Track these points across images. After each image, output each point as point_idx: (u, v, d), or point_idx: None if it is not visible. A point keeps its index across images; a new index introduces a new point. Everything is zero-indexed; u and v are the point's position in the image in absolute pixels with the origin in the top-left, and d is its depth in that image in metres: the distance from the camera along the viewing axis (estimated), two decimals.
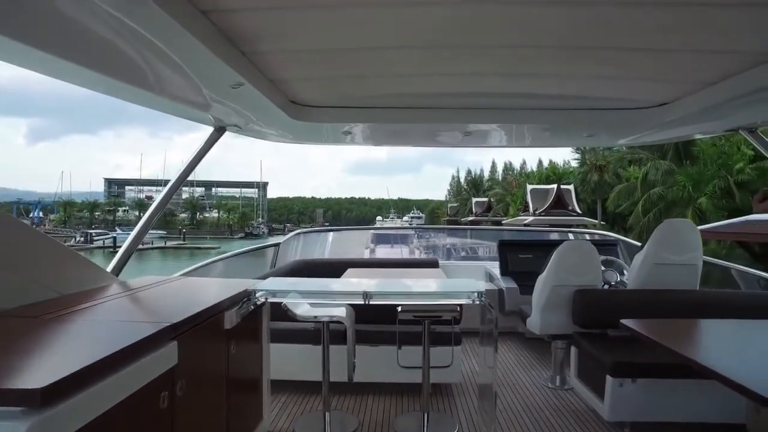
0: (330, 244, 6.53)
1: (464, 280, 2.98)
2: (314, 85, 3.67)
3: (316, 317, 2.93)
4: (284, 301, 2.72)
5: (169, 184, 3.88)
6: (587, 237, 6.83)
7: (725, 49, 2.70)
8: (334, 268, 5.27)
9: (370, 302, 2.53)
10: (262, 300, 2.61)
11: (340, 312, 2.93)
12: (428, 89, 3.72)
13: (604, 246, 5.43)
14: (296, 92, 3.82)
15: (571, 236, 6.70)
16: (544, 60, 3.00)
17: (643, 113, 4.08)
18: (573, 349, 3.65)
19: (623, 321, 2.65)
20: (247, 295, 2.57)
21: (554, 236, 7.79)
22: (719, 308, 3.45)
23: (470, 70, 3.24)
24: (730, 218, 19.33)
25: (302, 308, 2.93)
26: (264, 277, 3.74)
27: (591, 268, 3.75)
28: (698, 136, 4.92)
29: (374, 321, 3.57)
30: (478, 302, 2.60)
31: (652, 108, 4.01)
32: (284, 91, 3.73)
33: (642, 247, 3.71)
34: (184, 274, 4.17)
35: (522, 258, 5.41)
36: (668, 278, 3.58)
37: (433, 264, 5.94)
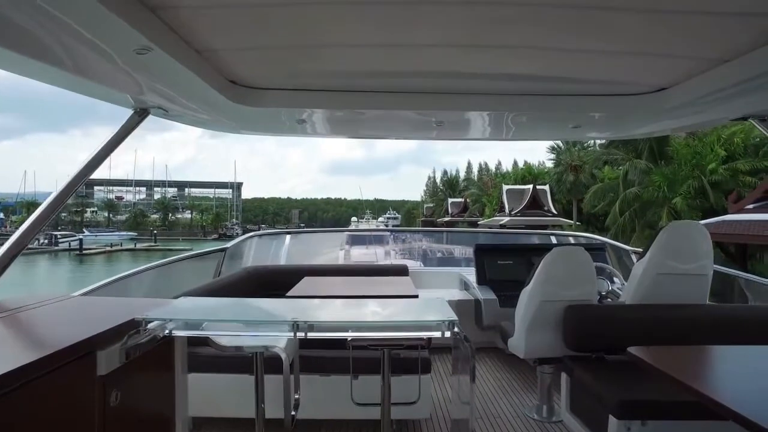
0: (287, 249, 5.83)
1: (435, 300, 2.34)
2: (256, 61, 3.02)
3: (242, 348, 2.28)
4: (183, 333, 2.03)
5: (72, 176, 3.15)
6: (572, 240, 6.31)
7: (735, 23, 2.20)
8: (288, 277, 4.63)
9: (308, 335, 1.89)
10: (156, 334, 1.93)
11: (276, 339, 2.27)
12: (394, 67, 3.11)
13: (591, 250, 4.89)
14: (235, 69, 3.15)
15: (554, 240, 6.15)
16: (524, 35, 2.47)
17: (638, 100, 3.53)
18: (564, 377, 3.07)
19: (630, 349, 2.09)
20: (136, 326, 1.89)
21: (536, 240, 7.27)
22: (735, 327, 2.92)
23: (439, 41, 2.65)
24: (705, 218, 19.42)
25: (226, 336, 2.26)
26: (188, 294, 3.06)
27: (585, 279, 3.16)
28: (700, 127, 4.39)
29: (325, 344, 2.92)
30: (448, 334, 1.98)
31: (649, 94, 3.47)
32: (219, 67, 3.05)
33: (643, 254, 3.13)
34: (102, 286, 3.45)
35: (501, 265, 4.83)
36: (674, 291, 3.02)
37: (401, 271, 5.33)
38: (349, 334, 2.03)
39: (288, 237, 5.97)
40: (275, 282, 4.50)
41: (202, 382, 2.79)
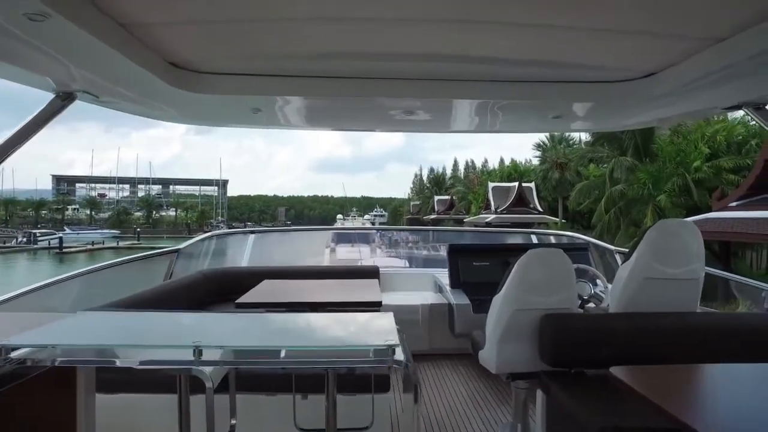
0: (249, 250, 5.44)
1: (383, 317, 1.99)
2: (201, 40, 2.65)
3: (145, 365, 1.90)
4: (58, 362, 1.65)
5: None
6: (552, 239, 5.99)
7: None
8: (248, 279, 4.27)
9: (202, 359, 1.52)
10: (24, 362, 1.55)
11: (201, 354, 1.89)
12: (359, 48, 2.76)
13: (573, 251, 4.58)
14: (175, 49, 2.77)
15: (534, 239, 5.84)
16: (501, 12, 2.18)
17: (624, 87, 3.23)
18: (540, 394, 2.75)
19: (612, 370, 1.79)
20: None
21: (515, 239, 6.94)
22: (728, 336, 2.63)
23: (410, 16, 2.32)
24: (689, 216, 19.37)
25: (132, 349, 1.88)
26: (114, 306, 2.69)
27: (564, 284, 2.83)
28: (690, 118, 4.04)
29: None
30: (383, 364, 1.64)
31: (637, 80, 3.16)
32: (154, 45, 2.67)
33: (629, 255, 2.81)
34: (18, 296, 3.05)
35: (477, 267, 4.50)
36: (663, 297, 2.71)
37: (371, 274, 4.99)
38: (264, 364, 1.67)
39: (251, 237, 5.57)
40: (233, 286, 4.14)
41: (118, 404, 2.42)
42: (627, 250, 4.60)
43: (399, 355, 1.64)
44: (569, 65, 2.99)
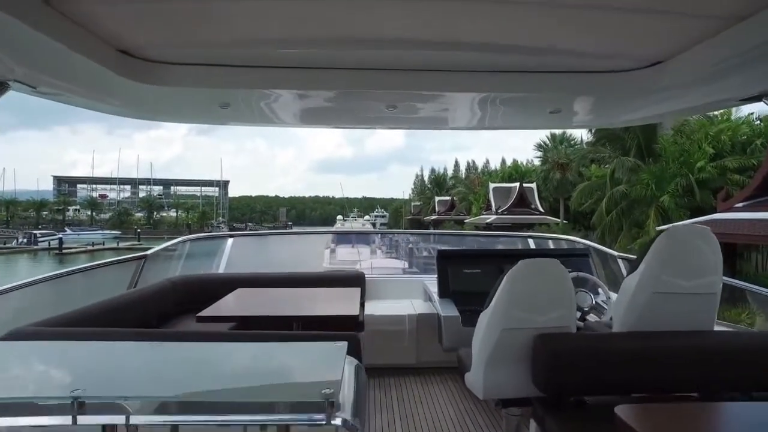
0: (227, 255, 5.09)
1: (333, 350, 1.64)
2: (155, 26, 2.34)
3: None
4: None
5: None
6: (551, 244, 5.63)
7: None
8: (222, 287, 3.94)
9: (84, 413, 1.17)
10: None
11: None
12: (332, 32, 2.44)
13: (573, 257, 4.24)
14: (126, 36, 2.46)
15: (531, 243, 5.47)
16: None
17: (628, 77, 2.90)
18: (534, 425, 2.41)
19: (617, 410, 1.46)
20: None
21: (510, 244, 6.55)
22: (754, 361, 2.27)
23: None
24: (693, 217, 18.97)
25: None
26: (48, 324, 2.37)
27: (560, 299, 2.48)
28: (702, 111, 3.61)
29: None
30: (316, 422, 1.26)
31: (641, 69, 2.83)
32: (99, 31, 2.35)
33: (636, 264, 2.46)
34: None
35: (467, 275, 4.15)
36: (675, 314, 2.36)
37: (356, 280, 4.65)
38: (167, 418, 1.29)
39: (230, 241, 5.22)
40: (204, 295, 3.81)
41: None
42: (632, 256, 4.24)
43: (343, 408, 1.28)
44: (569, 53, 2.66)
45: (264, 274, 4.76)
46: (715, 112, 23.81)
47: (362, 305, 4.62)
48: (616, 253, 4.27)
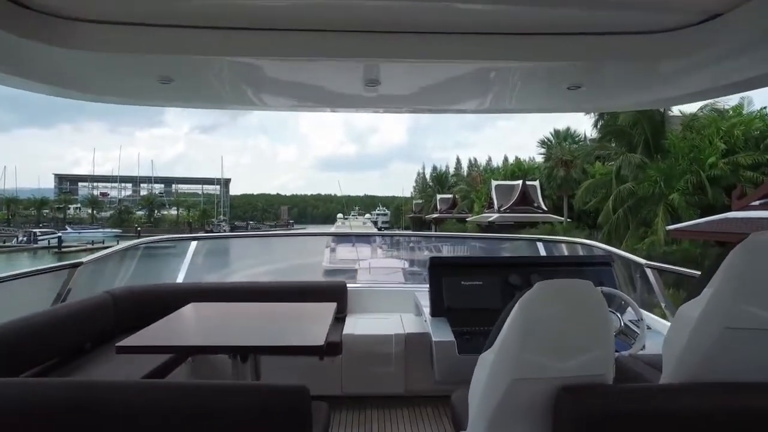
0: (188, 261, 4.38)
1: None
2: None
3: None
4: None
5: None
6: (565, 250, 4.87)
7: None
8: (174, 300, 3.29)
9: None
10: None
11: None
12: None
13: (592, 266, 3.54)
14: None
15: (541, 248, 4.73)
16: None
17: (672, 39, 2.23)
18: None
19: None
20: None
21: (515, 248, 5.79)
22: None
23: None
24: (703, 215, 18.21)
25: None
26: None
27: (594, 337, 1.75)
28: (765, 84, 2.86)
29: None
30: None
31: (693, 27, 2.17)
32: None
33: (697, 288, 1.74)
34: None
35: (466, 288, 3.42)
36: (758, 359, 1.67)
37: (334, 291, 3.98)
38: None
39: (193, 245, 4.51)
40: (154, 308, 3.15)
41: None
42: (666, 266, 3.53)
43: None
44: (597, 4, 1.99)
45: (229, 285, 4.08)
46: (726, 106, 23.04)
47: (342, 320, 3.96)
48: (644, 261, 3.55)
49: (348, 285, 4.20)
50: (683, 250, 17.69)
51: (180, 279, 4.23)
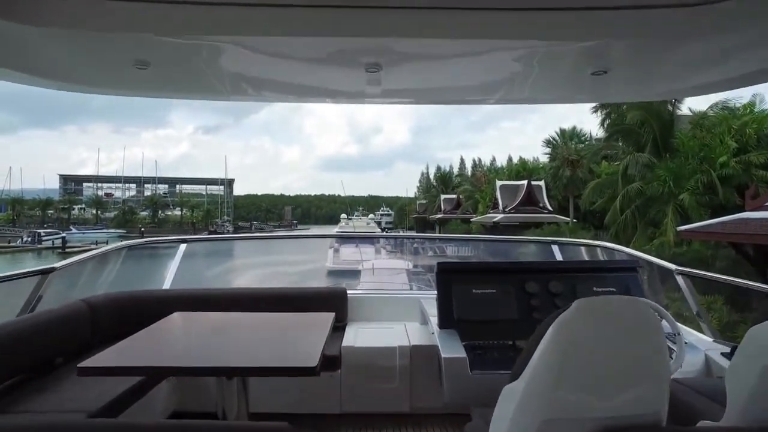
0: (177, 264, 4.06)
1: None
2: None
3: None
4: None
5: None
6: (584, 254, 4.48)
7: None
8: (157, 308, 3.01)
9: None
10: None
11: None
12: None
13: (616, 272, 3.20)
14: None
15: (557, 252, 4.36)
16: None
17: (714, 12, 1.93)
18: None
19: None
20: None
21: (528, 249, 5.40)
22: None
23: None
24: (714, 216, 17.75)
25: None
26: None
27: (645, 368, 1.43)
28: None
29: None
30: None
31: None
32: None
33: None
34: None
35: (478, 296, 3.08)
36: None
37: (334, 299, 3.68)
38: None
39: (182, 247, 4.19)
40: (136, 317, 2.87)
41: None
42: (701, 272, 3.21)
43: None
44: None
45: (219, 292, 3.78)
46: (738, 104, 22.54)
47: (342, 328, 3.65)
48: (674, 267, 3.21)
49: (349, 292, 3.90)
50: (694, 251, 17.23)
51: (167, 285, 3.92)
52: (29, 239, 59.33)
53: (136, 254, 4.39)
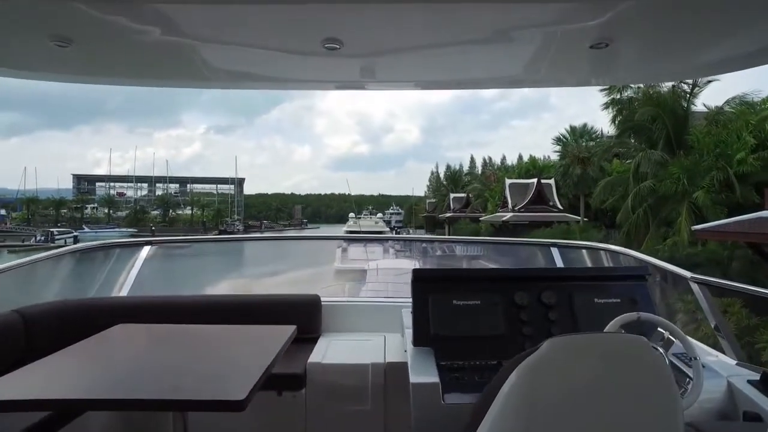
0: (137, 269, 3.69)
1: None
2: None
3: None
4: None
5: None
6: (586, 258, 4.04)
7: None
8: (102, 319, 2.68)
9: None
10: None
11: None
12: None
13: (623, 280, 2.78)
14: None
15: (557, 256, 3.88)
16: None
17: None
18: None
19: None
20: None
21: (530, 253, 4.97)
22: None
23: None
24: (731, 215, 17.11)
25: None
26: None
27: (651, 426, 1.05)
28: None
29: None
30: None
31: None
32: None
33: None
34: None
35: (459, 309, 2.67)
36: None
37: (307, 306, 3.33)
38: None
39: (145, 249, 3.84)
40: (76, 329, 2.54)
41: None
42: (720, 281, 2.78)
43: None
44: None
45: (177, 299, 3.43)
46: (756, 98, 21.76)
47: (314, 340, 3.29)
48: (689, 274, 2.76)
49: (323, 299, 3.53)
50: (709, 251, 16.62)
51: (124, 292, 3.57)
52: (43, 238, 60.36)
53: (99, 256, 4.06)
